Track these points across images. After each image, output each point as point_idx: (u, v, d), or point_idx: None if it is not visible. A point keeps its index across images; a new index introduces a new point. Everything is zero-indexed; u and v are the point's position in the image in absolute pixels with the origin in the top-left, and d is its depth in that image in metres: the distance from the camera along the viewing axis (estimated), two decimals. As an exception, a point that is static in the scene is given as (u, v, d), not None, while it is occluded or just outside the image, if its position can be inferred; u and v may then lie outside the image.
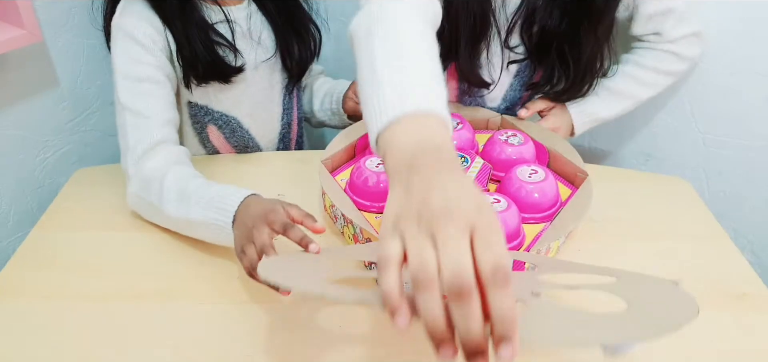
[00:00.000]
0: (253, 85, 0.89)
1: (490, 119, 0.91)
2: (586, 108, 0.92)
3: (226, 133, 0.92)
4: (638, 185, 0.89)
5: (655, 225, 0.79)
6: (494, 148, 0.80)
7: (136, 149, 0.73)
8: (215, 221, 0.64)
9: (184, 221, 0.68)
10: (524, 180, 0.71)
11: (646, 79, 0.92)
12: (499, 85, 0.93)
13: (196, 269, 0.69)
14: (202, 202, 0.66)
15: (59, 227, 0.76)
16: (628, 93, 0.93)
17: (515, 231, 0.65)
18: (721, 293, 0.68)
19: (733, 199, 1.03)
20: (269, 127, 0.96)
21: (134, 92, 0.75)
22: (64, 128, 0.95)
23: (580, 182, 0.75)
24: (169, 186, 0.69)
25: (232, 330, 0.61)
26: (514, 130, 0.83)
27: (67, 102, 0.93)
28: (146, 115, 0.74)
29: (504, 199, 0.66)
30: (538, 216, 0.70)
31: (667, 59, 0.90)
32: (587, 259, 0.72)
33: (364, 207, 0.71)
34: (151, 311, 0.63)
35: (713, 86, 0.97)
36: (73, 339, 0.60)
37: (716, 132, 1.00)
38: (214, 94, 0.87)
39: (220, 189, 0.66)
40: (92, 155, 1.01)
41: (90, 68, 0.95)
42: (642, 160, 1.12)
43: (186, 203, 0.67)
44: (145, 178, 0.72)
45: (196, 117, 0.89)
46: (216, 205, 0.64)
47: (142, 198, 0.72)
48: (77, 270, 0.68)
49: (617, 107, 0.94)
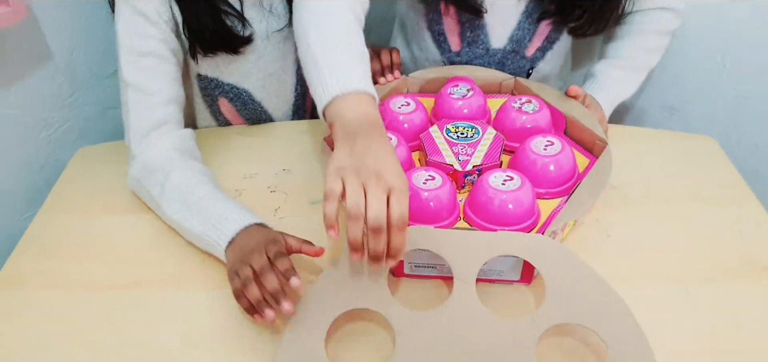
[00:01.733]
0: (264, 55, 0.84)
1: (503, 82, 0.84)
2: (612, 93, 0.87)
3: (238, 105, 0.88)
4: (661, 145, 0.84)
5: (679, 190, 0.74)
6: (507, 117, 0.75)
7: (138, 128, 0.71)
8: (210, 238, 0.62)
9: (181, 226, 0.66)
10: (539, 152, 0.67)
11: (653, 44, 0.88)
12: (504, 22, 0.86)
13: (201, 253, 0.67)
14: (202, 216, 0.64)
15: (62, 211, 0.74)
16: (642, 64, 0.89)
17: (529, 210, 0.61)
18: (748, 265, 0.64)
19: (765, 155, 0.97)
20: (282, 98, 0.92)
21: (137, 67, 0.72)
22: (63, 104, 0.92)
23: (598, 150, 0.70)
24: (173, 185, 0.67)
25: (240, 314, 0.60)
26: (528, 96, 0.77)
27: (63, 77, 0.90)
28: (149, 91, 0.72)
29: (517, 176, 0.62)
30: (554, 191, 0.66)
31: (665, 18, 0.86)
32: (605, 229, 0.68)
33: None
34: (156, 298, 0.62)
35: (749, 36, 0.90)
36: (79, 329, 0.59)
37: (750, 83, 0.94)
38: (223, 66, 0.83)
39: (223, 208, 0.64)
40: (94, 129, 0.99)
41: (84, 41, 0.92)
42: (666, 113, 1.06)
43: (187, 211, 0.66)
44: (148, 166, 0.70)
45: (206, 90, 0.85)
46: (215, 225, 0.62)
47: (143, 185, 0.71)
48: (81, 258, 0.67)
49: (635, 83, 0.89)
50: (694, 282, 0.62)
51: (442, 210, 0.62)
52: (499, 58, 0.89)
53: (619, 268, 0.63)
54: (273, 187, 0.76)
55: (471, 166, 0.67)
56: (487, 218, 0.61)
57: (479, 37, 0.87)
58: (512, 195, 0.60)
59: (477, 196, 0.62)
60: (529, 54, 0.89)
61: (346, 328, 0.57)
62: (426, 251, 0.57)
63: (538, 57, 0.90)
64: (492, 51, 0.88)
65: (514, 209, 0.60)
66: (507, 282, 0.62)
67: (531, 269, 0.60)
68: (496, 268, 0.60)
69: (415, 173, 0.63)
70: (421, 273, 0.62)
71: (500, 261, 0.59)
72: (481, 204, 0.62)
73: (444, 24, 0.88)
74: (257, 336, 0.58)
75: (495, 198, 0.60)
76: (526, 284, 0.62)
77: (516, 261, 0.60)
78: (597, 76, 0.88)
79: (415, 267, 0.62)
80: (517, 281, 0.62)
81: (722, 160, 0.80)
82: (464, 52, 0.89)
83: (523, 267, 0.60)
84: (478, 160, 0.67)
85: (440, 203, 0.62)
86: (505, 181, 0.62)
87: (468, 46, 0.88)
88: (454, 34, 0.88)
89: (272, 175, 0.78)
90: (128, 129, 0.72)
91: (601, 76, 0.87)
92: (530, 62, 0.90)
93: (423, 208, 0.61)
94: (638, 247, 0.66)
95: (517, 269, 0.61)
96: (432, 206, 0.61)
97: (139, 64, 0.72)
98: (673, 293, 0.61)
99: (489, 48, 0.88)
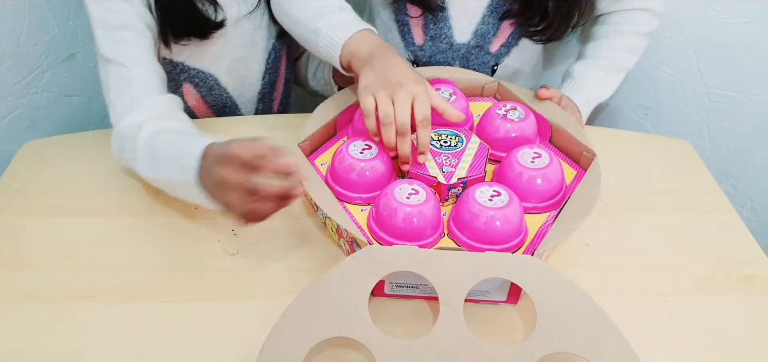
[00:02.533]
0: (232, 39, 0.82)
1: (486, 86, 0.81)
2: (590, 95, 0.85)
3: (203, 91, 0.85)
4: (638, 149, 0.83)
5: (656, 198, 0.74)
6: (491, 124, 0.71)
7: (118, 103, 0.67)
8: (181, 181, 0.58)
9: (159, 181, 0.64)
10: (526, 165, 0.63)
11: (632, 45, 0.87)
12: (469, 16, 0.83)
13: (159, 261, 0.63)
14: (165, 160, 0.61)
15: (5, 213, 0.68)
16: (620, 64, 0.87)
17: (517, 228, 0.58)
18: (726, 274, 0.64)
19: (736, 156, 0.98)
20: (248, 85, 0.89)
21: (113, 40, 0.69)
22: (9, 92, 0.85)
23: (586, 162, 0.67)
24: (141, 144, 0.63)
25: (200, 330, 0.56)
26: (513, 103, 0.74)
27: (10, 62, 0.83)
28: (126, 65, 0.68)
29: (505, 192, 0.59)
30: (542, 205, 0.63)
31: (643, 19, 0.85)
32: (584, 238, 0.67)
33: (347, 198, 0.64)
34: (109, 312, 0.57)
35: (725, 37, 0.89)
36: (15, 347, 0.54)
37: (723, 86, 0.94)
38: (189, 51, 0.80)
39: (182, 143, 0.60)
40: (46, 118, 0.92)
41: (33, 23, 0.85)
42: (641, 113, 1.06)
43: (155, 163, 0.62)
44: (121, 135, 0.66)
45: (170, 75, 0.80)
46: (177, 163, 0.59)
47: (121, 156, 0.68)
48: (25, 266, 0.62)
49: (614, 84, 0.87)
50: (673, 293, 0.62)
51: (426, 227, 0.58)
52: (463, 53, 0.86)
53: (599, 279, 0.62)
54: (239, 188, 0.72)
55: (455, 178, 0.63)
56: (472, 236, 0.58)
57: (443, 30, 0.84)
58: (500, 212, 0.57)
59: (462, 212, 0.59)
60: (493, 49, 0.86)
61: (324, 355, 0.53)
62: (409, 271, 0.54)
63: (502, 53, 0.87)
64: (456, 45, 0.85)
65: (502, 226, 0.57)
66: (493, 303, 0.60)
67: (518, 290, 0.57)
68: (482, 289, 0.57)
69: (397, 187, 0.60)
70: (402, 293, 0.59)
71: (487, 282, 0.56)
72: (467, 221, 0.58)
73: (409, 16, 0.85)
74: (221, 353, 0.54)
75: (481, 216, 0.57)
76: (512, 304, 0.60)
77: (503, 281, 0.57)
78: (575, 76, 0.86)
79: (396, 287, 0.58)
80: (503, 301, 0.59)
81: (698, 166, 0.80)
82: (427, 46, 0.86)
83: (510, 288, 0.58)
84: (463, 173, 0.63)
85: (424, 219, 0.58)
86: (492, 196, 0.59)
87: (431, 41, 0.86)
88: (418, 27, 0.86)
89: (238, 175, 0.74)
90: (113, 107, 0.68)
91: (579, 77, 0.86)
92: (495, 58, 0.87)
93: (407, 225, 0.58)
94: (617, 257, 0.65)
95: (503, 289, 0.58)
96: (415, 223, 0.58)
97: (115, 37, 0.69)
98: (652, 304, 0.60)
99: (453, 42, 0.85)
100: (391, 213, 0.58)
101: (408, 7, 0.84)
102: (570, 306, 0.51)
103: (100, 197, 0.70)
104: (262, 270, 0.62)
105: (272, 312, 0.53)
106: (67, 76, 0.94)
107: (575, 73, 0.87)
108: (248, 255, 0.63)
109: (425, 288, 0.58)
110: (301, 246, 0.65)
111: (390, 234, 0.58)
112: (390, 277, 0.56)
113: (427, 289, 0.57)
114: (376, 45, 0.67)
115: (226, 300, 0.59)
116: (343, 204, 0.63)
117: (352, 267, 0.52)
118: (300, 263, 0.63)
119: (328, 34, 0.69)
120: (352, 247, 0.60)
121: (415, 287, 0.58)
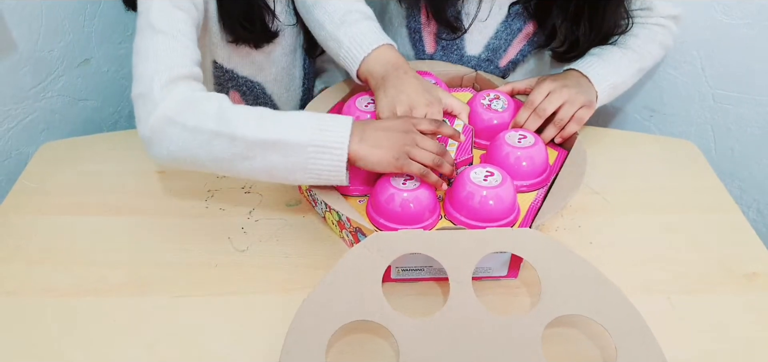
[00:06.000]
0: (277, 48, 0.84)
1: (465, 76, 0.84)
2: (610, 77, 0.76)
3: (249, 99, 0.87)
4: (642, 150, 0.84)
5: (660, 197, 0.74)
6: (476, 113, 0.74)
7: (168, 71, 0.59)
8: (321, 129, 0.57)
9: (267, 143, 0.56)
10: (514, 145, 0.67)
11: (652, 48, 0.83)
12: (482, 30, 0.84)
13: (170, 258, 0.64)
14: (302, 120, 0.57)
15: (23, 211, 0.70)
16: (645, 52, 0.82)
17: (511, 206, 0.61)
18: (730, 273, 0.64)
19: (741, 158, 0.98)
20: (292, 92, 0.92)
21: (171, 18, 0.64)
22: (27, 95, 0.88)
23: (569, 143, 0.72)
24: (235, 108, 0.59)
25: (211, 324, 0.57)
26: (496, 92, 0.77)
27: (27, 67, 0.86)
28: (183, 43, 0.64)
29: (498, 172, 0.62)
30: (528, 184, 0.66)
31: (659, 32, 0.84)
32: (588, 236, 0.68)
33: (344, 191, 0.65)
34: (122, 306, 0.59)
35: (728, 38, 0.90)
36: (34, 339, 0.56)
37: (728, 87, 0.94)
38: (239, 58, 0.82)
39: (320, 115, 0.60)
40: (61, 121, 0.94)
41: (49, 29, 0.87)
42: (646, 115, 1.06)
43: (268, 120, 0.57)
44: (185, 99, 0.59)
45: (219, 80, 0.83)
46: (318, 119, 0.58)
47: (177, 122, 0.57)
48: (42, 261, 0.64)
49: (634, 71, 0.81)
50: (677, 291, 0.62)
51: (424, 210, 0.61)
52: (473, 66, 0.88)
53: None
54: (247, 188, 0.74)
55: None
56: (469, 214, 0.61)
57: (455, 42, 0.86)
58: (494, 191, 0.60)
59: (458, 193, 0.62)
60: (502, 64, 0.88)
61: (345, 340, 0.55)
62: (416, 254, 0.56)
63: (510, 68, 0.89)
64: (466, 57, 0.87)
65: (496, 205, 0.60)
66: (495, 279, 0.62)
67: (517, 264, 0.60)
68: (485, 266, 0.60)
69: (392, 174, 0.62)
70: (408, 276, 0.61)
71: (489, 258, 0.58)
72: (463, 201, 0.61)
73: (422, 24, 0.86)
74: (232, 347, 0.55)
75: (476, 195, 0.60)
76: (513, 278, 0.62)
77: (504, 256, 0.59)
78: (595, 53, 0.80)
79: (402, 272, 0.60)
80: (504, 276, 0.62)
81: (703, 166, 0.80)
82: (438, 56, 0.88)
83: (510, 262, 0.60)
84: (451, 156, 0.66)
85: (421, 203, 0.60)
86: (486, 176, 0.62)
87: (443, 51, 0.87)
88: (431, 35, 0.87)
89: (248, 175, 0.76)
90: (152, 74, 0.59)
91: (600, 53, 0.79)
92: (502, 72, 0.89)
93: (405, 210, 0.60)
94: (621, 256, 0.66)
95: (504, 264, 0.61)
96: (412, 208, 0.60)
97: (173, 16, 0.64)
98: (656, 303, 0.61)
99: (464, 54, 0.87)
100: (388, 199, 0.60)
101: (421, 17, 0.86)
102: (571, 272, 0.53)
103: (113, 196, 0.72)
104: (271, 266, 0.63)
105: (281, 307, 0.55)
106: (81, 80, 0.96)
107: (595, 51, 0.80)
108: (258, 252, 0.65)
109: (430, 269, 0.60)
110: (309, 242, 0.66)
111: (390, 220, 0.60)
112: (397, 261, 0.58)
113: (432, 271, 0.60)
114: (391, 64, 0.69)
115: (235, 295, 0.60)
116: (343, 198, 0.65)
117: (363, 254, 0.54)
118: (308, 259, 0.64)
119: (350, 47, 0.71)
120: (356, 237, 0.62)
121: (420, 269, 0.60)
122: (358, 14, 0.73)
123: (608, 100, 0.78)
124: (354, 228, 0.61)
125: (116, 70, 1.03)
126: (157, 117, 0.57)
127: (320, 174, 0.58)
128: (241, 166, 0.58)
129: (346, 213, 0.59)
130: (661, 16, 0.82)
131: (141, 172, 0.76)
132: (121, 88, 1.06)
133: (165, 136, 0.58)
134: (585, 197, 0.73)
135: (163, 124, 0.57)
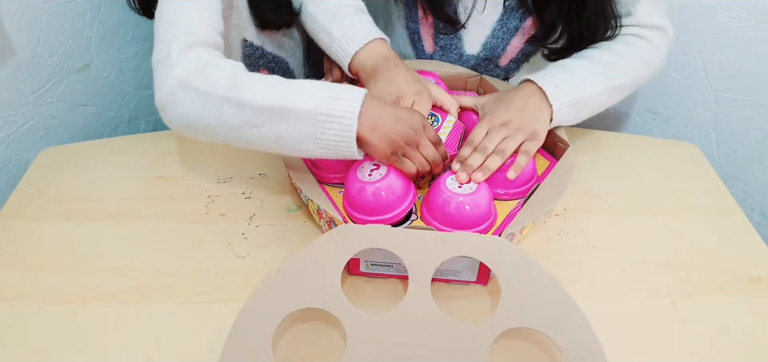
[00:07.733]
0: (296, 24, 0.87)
1: (469, 79, 0.83)
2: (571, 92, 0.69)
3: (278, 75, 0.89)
4: (645, 153, 0.83)
5: (663, 201, 0.74)
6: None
7: (190, 36, 0.59)
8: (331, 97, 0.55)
9: (274, 109, 0.55)
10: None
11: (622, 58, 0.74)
12: (479, 28, 0.83)
13: (170, 264, 0.64)
14: (312, 88, 0.56)
15: (23, 217, 0.70)
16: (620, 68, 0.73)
17: (486, 212, 0.60)
18: (733, 276, 0.64)
19: (744, 160, 0.98)
20: (314, 72, 0.95)
21: None
22: (26, 101, 0.87)
23: (560, 153, 0.70)
24: (248, 75, 0.58)
25: (212, 331, 0.56)
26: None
27: (26, 73, 0.86)
28: (206, 12, 0.63)
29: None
30: (512, 192, 0.66)
31: (641, 47, 0.75)
32: (591, 240, 0.67)
33: (325, 179, 0.66)
34: (120, 312, 0.59)
35: (729, 40, 0.89)
36: (36, 344, 0.55)
37: (730, 89, 0.94)
38: (266, 35, 0.83)
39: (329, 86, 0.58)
40: (61, 127, 0.94)
41: (49, 35, 0.87)
42: (649, 118, 1.06)
43: (282, 89, 0.56)
44: (201, 63, 0.58)
45: (250, 58, 0.82)
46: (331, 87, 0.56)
47: (191, 85, 0.56)
48: (42, 267, 0.63)
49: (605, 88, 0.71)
50: (680, 294, 0.61)
51: (395, 199, 0.60)
52: (473, 65, 0.87)
53: (606, 281, 0.62)
54: (248, 193, 0.73)
55: None
56: (443, 221, 0.60)
57: (453, 41, 0.85)
58: (469, 197, 0.59)
59: (434, 198, 0.61)
60: (502, 64, 0.87)
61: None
62: (384, 250, 0.55)
63: (512, 68, 0.88)
64: (466, 57, 0.86)
65: (472, 211, 0.59)
66: (463, 283, 0.61)
67: (487, 270, 0.60)
68: (452, 268, 0.60)
69: (359, 166, 0.62)
70: (377, 271, 0.61)
71: (457, 261, 0.58)
72: (438, 206, 0.61)
73: (420, 24, 0.86)
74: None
75: (452, 201, 0.60)
76: (482, 285, 0.61)
77: (472, 261, 0.59)
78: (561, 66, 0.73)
79: (371, 266, 0.60)
80: (473, 281, 0.61)
81: (705, 169, 0.80)
82: (437, 55, 0.88)
83: (479, 268, 0.60)
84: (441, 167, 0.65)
85: (393, 192, 0.60)
86: (463, 183, 0.61)
87: (442, 50, 0.87)
88: (429, 35, 0.87)
89: (247, 179, 0.75)
90: (172, 37, 0.59)
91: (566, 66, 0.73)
92: (504, 72, 0.88)
93: (377, 199, 0.59)
94: (624, 259, 0.66)
95: (473, 269, 0.60)
96: (384, 196, 0.59)
97: None
98: (659, 306, 0.60)
99: (462, 54, 0.86)
100: (359, 191, 0.60)
101: (420, 17, 0.85)
102: (535, 286, 0.52)
103: (113, 202, 0.72)
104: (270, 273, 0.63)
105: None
106: (80, 86, 0.96)
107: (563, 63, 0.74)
108: (258, 258, 0.64)
109: (399, 266, 0.60)
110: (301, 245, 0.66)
111: (362, 212, 0.60)
112: (364, 255, 0.58)
113: (401, 268, 0.59)
114: (382, 57, 0.71)
115: (235, 301, 0.59)
116: (322, 186, 0.65)
117: (328, 244, 0.54)
118: (308, 265, 0.64)
119: (342, 41, 0.72)
120: (331, 227, 0.62)
121: (389, 265, 0.60)
122: (351, 8, 0.74)
123: (574, 120, 0.71)
124: (329, 218, 0.61)
125: (116, 76, 1.03)
126: (171, 80, 0.56)
127: (330, 144, 0.56)
128: (249, 133, 0.56)
129: (322, 205, 0.59)
130: (642, 26, 0.75)
131: (141, 177, 0.75)
132: (121, 94, 1.06)
133: (178, 100, 0.57)
134: (587, 201, 0.73)
135: (177, 87, 0.56)
